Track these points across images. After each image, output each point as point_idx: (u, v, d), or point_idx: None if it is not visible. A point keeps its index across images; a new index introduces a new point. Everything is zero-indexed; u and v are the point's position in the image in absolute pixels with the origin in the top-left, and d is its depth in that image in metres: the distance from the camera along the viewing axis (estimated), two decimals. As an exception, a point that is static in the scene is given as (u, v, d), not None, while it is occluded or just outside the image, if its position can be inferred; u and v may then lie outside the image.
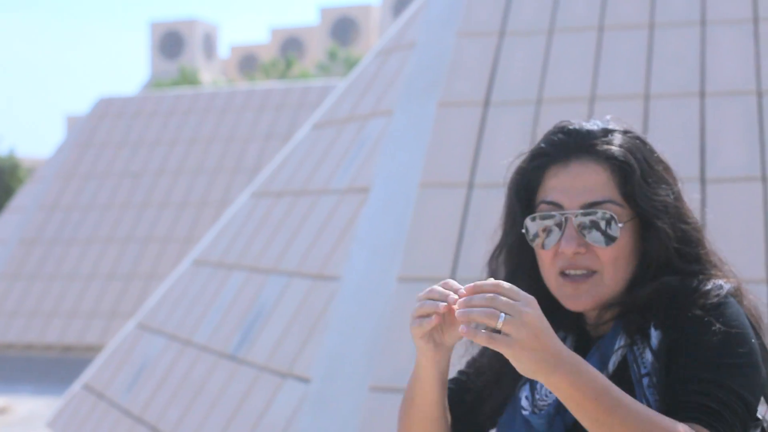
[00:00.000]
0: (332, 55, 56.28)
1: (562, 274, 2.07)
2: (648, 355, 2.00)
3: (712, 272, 2.08)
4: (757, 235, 5.77)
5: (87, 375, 9.16)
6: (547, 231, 2.07)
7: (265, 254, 7.58)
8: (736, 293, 2.06)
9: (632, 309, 2.04)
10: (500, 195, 3.28)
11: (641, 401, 1.95)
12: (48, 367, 16.65)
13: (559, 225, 2.05)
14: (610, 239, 2.03)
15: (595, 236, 2.03)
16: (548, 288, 2.10)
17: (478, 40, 7.18)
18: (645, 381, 1.98)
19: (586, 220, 2.03)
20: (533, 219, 2.08)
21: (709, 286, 2.03)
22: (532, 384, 2.09)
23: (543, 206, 2.08)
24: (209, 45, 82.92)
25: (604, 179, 2.05)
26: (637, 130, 2.15)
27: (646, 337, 2.02)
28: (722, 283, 2.04)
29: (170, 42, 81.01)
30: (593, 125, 2.11)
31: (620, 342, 2.04)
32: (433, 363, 1.98)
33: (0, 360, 17.15)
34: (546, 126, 2.22)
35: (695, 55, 6.63)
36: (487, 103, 6.81)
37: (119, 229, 18.17)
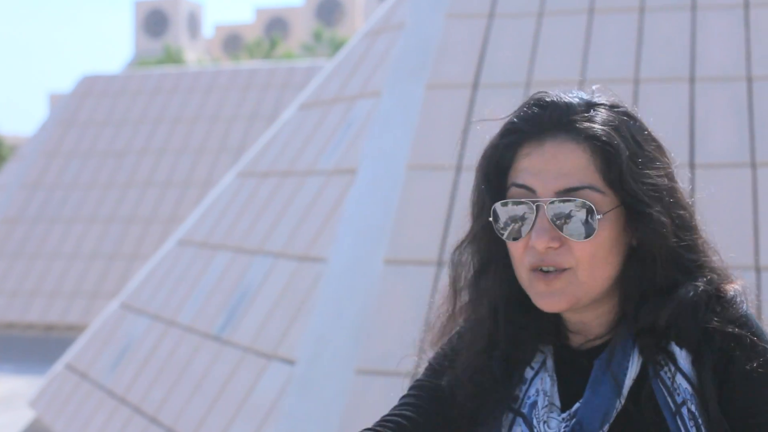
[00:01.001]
0: (317, 36, 56.16)
1: (534, 269, 1.77)
2: (681, 382, 1.74)
3: (712, 266, 1.81)
4: (746, 221, 5.76)
5: (70, 355, 9.12)
6: (517, 220, 1.77)
7: (251, 235, 7.55)
8: (744, 296, 1.81)
9: (649, 328, 1.77)
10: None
11: None
12: (29, 346, 16.60)
13: (531, 213, 1.76)
14: (588, 232, 1.72)
15: (570, 229, 1.73)
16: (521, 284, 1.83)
17: (467, 21, 7.14)
18: (684, 411, 1.73)
19: (561, 209, 1.73)
20: (504, 204, 1.78)
21: (731, 293, 1.79)
22: (527, 419, 1.82)
23: (513, 190, 1.78)
24: (194, 24, 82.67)
25: (584, 162, 1.73)
26: (627, 103, 1.86)
27: (671, 358, 1.76)
28: (739, 289, 1.80)
29: (154, 20, 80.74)
30: (574, 97, 1.79)
31: (635, 363, 1.77)
32: None
33: (-19, 338, 17.10)
34: None
35: (685, 40, 6.61)
36: (475, 86, 6.77)
37: (102, 208, 18.10)
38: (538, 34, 6.92)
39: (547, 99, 1.80)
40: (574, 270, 1.74)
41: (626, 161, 1.73)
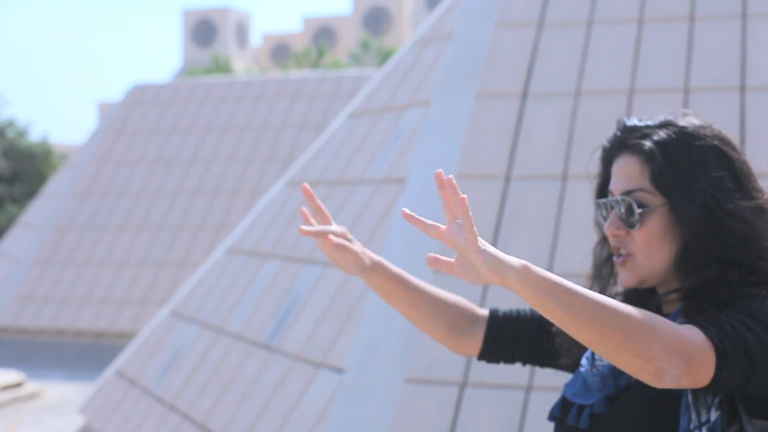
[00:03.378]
0: (365, 45, 56.21)
1: (614, 254, 2.31)
2: None
3: (755, 260, 2.17)
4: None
5: (120, 361, 9.18)
6: (604, 218, 2.33)
7: (300, 244, 7.57)
8: None
9: (688, 294, 2.20)
10: (537, 187, 3.25)
11: None
12: (79, 353, 16.71)
13: (607, 211, 2.32)
14: (635, 222, 2.23)
15: (629, 221, 2.24)
16: None
17: (516, 31, 7.14)
18: None
19: (621, 206, 2.25)
20: (597, 206, 2.35)
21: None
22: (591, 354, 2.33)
23: (609, 194, 2.33)
24: (242, 33, 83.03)
25: (638, 170, 2.24)
26: (710, 126, 2.27)
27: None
28: None
29: (203, 30, 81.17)
30: (642, 121, 2.31)
31: (679, 321, 2.17)
32: (366, 281, 2.55)
33: (32, 345, 17.22)
34: (584, 118, 2.43)
35: (736, 49, 6.57)
36: (524, 95, 6.77)
37: (151, 216, 18.20)
38: (588, 43, 6.91)
39: (627, 123, 2.33)
40: (635, 255, 2.25)
41: (662, 168, 2.21)
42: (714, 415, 2.06)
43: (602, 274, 2.41)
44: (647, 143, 2.24)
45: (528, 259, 2.39)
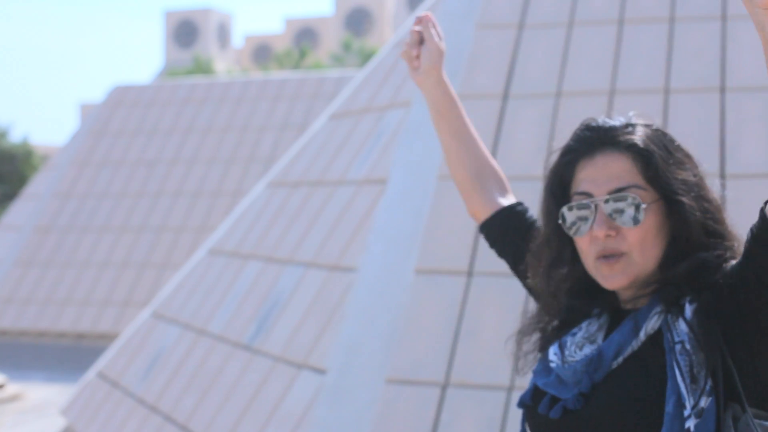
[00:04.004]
0: (346, 46, 56.21)
1: (599, 257, 2.24)
2: (682, 325, 2.15)
3: (732, 246, 2.24)
4: (777, 231, 5.73)
5: (101, 363, 9.16)
6: (582, 219, 2.25)
7: (281, 244, 7.57)
8: None
9: (668, 284, 2.21)
10: (519, 187, 3.29)
11: (673, 366, 2.10)
12: (61, 354, 16.66)
13: (591, 213, 2.23)
14: (636, 220, 2.19)
15: (623, 219, 2.20)
16: (587, 271, 2.30)
17: (497, 32, 7.16)
18: (677, 348, 2.12)
19: (614, 204, 2.21)
20: (570, 209, 2.27)
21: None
22: (561, 343, 2.30)
23: (576, 197, 2.27)
24: (223, 34, 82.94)
25: (628, 166, 2.22)
26: (658, 124, 2.31)
27: (681, 309, 2.18)
28: None
29: (184, 31, 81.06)
30: (615, 120, 2.30)
31: (656, 313, 2.19)
32: (424, 89, 2.72)
33: (13, 347, 17.17)
34: (565, 119, 2.43)
35: (716, 50, 6.60)
36: (506, 96, 6.78)
37: (133, 217, 18.17)
38: (568, 45, 6.93)
39: (593, 124, 2.31)
40: (629, 254, 2.21)
41: (660, 163, 2.22)
42: (704, 401, 2.06)
43: (555, 300, 2.37)
44: (637, 140, 2.24)
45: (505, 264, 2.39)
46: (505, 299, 5.79)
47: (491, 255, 5.89)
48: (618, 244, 2.22)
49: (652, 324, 2.19)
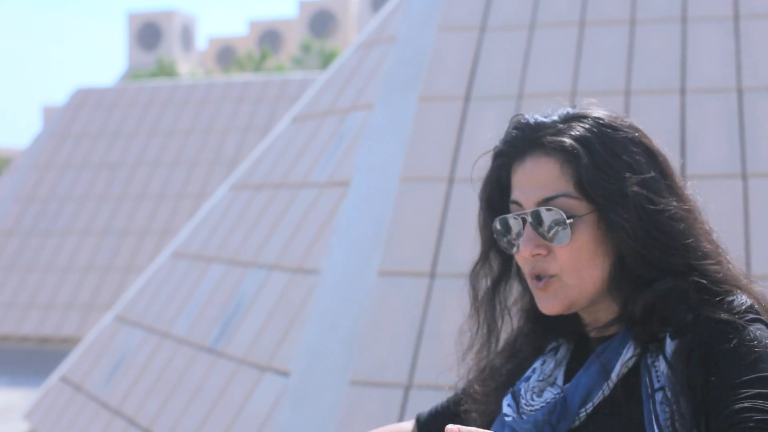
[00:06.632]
0: (306, 48, 56.14)
1: (531, 278, 1.90)
2: (662, 365, 1.79)
3: (705, 264, 1.85)
4: (737, 231, 5.79)
5: (64, 367, 9.13)
6: (513, 233, 1.91)
7: (244, 247, 7.57)
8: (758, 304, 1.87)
9: (635, 319, 1.84)
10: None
11: (650, 417, 1.76)
12: (24, 358, 16.59)
13: (518, 226, 1.90)
14: (563, 237, 1.83)
15: (550, 236, 1.84)
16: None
17: (459, 34, 7.18)
18: (658, 396, 1.77)
19: (539, 218, 1.85)
20: (501, 221, 1.93)
21: (732, 296, 1.84)
22: (515, 392, 1.96)
23: (512, 207, 1.92)
24: (187, 37, 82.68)
25: (557, 172, 1.85)
26: (621, 116, 1.95)
27: (661, 346, 1.81)
28: (745, 298, 1.85)
29: (148, 33, 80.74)
30: (550, 115, 1.92)
31: (629, 351, 1.84)
32: None
33: (-25, 351, 17.09)
34: None
35: (676, 52, 6.64)
36: (467, 98, 6.80)
37: (96, 220, 18.11)
38: (530, 47, 6.95)
39: (522, 121, 1.94)
40: (560, 276, 1.85)
41: (589, 169, 1.83)
42: None
43: (496, 305, 2.06)
44: (566, 140, 1.86)
45: (471, 261, 2.19)
46: (468, 300, 5.80)
47: (454, 256, 5.92)
48: (547, 264, 1.86)
49: (626, 362, 1.84)
